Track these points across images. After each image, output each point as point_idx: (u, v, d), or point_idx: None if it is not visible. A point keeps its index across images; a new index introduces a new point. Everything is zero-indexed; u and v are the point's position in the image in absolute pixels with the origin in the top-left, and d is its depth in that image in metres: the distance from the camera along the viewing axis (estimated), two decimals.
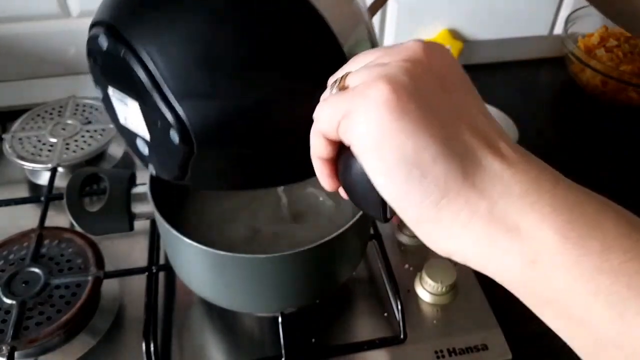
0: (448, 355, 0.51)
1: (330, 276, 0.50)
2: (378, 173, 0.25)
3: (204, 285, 0.49)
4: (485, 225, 0.24)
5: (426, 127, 0.24)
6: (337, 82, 0.28)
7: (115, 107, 0.36)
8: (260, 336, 0.54)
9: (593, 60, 0.81)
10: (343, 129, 0.26)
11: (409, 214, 0.25)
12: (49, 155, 0.68)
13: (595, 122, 0.84)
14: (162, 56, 0.30)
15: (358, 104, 0.25)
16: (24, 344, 0.48)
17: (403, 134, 0.24)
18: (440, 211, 0.24)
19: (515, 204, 0.23)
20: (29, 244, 0.56)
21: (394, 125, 0.24)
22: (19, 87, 0.81)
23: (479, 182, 0.24)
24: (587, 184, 0.24)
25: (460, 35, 0.92)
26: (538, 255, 0.23)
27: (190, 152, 0.32)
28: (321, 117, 0.27)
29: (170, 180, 0.36)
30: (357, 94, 0.25)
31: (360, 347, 0.52)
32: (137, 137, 0.36)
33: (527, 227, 0.23)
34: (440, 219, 0.24)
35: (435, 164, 0.24)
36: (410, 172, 0.24)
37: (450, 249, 0.25)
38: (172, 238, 0.45)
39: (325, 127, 0.27)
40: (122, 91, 0.34)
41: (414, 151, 0.24)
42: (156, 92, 0.31)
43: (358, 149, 0.25)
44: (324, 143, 0.28)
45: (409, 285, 0.57)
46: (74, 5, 0.77)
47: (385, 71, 0.25)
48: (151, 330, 0.50)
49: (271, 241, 0.53)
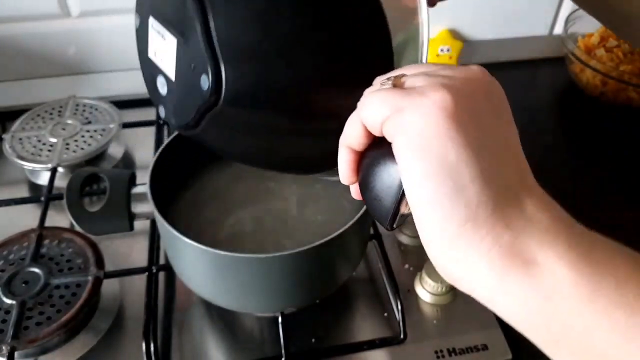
0: (448, 355, 0.51)
1: (330, 276, 0.50)
2: (414, 174, 0.24)
3: (204, 285, 0.49)
4: (503, 257, 0.23)
5: (474, 145, 0.24)
6: (390, 78, 0.27)
7: (149, 38, 0.35)
8: (260, 336, 0.54)
9: (593, 60, 0.81)
10: (391, 123, 0.25)
11: (428, 227, 0.25)
12: (49, 155, 0.68)
13: (595, 122, 0.84)
14: (221, 2, 0.29)
15: (416, 102, 0.25)
16: (24, 344, 0.48)
17: (452, 143, 0.24)
18: (462, 234, 0.24)
19: (533, 241, 0.23)
20: (29, 244, 0.56)
21: (447, 132, 0.24)
22: (19, 87, 0.81)
23: (507, 216, 0.24)
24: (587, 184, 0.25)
25: (460, 35, 0.92)
26: (554, 290, 0.23)
27: (214, 103, 0.31)
28: (368, 106, 0.27)
29: (177, 127, 0.35)
30: (416, 93, 0.25)
31: (360, 347, 0.52)
32: (160, 75, 0.35)
33: (544, 262, 0.23)
34: (458, 242, 0.24)
35: (473, 185, 0.24)
36: (446, 183, 0.24)
37: (459, 275, 0.25)
38: (172, 238, 0.45)
39: (371, 117, 0.26)
40: (165, 24, 0.33)
41: (457, 164, 0.24)
42: (205, 35, 0.30)
43: (402, 144, 0.25)
44: (362, 133, 0.27)
45: (409, 285, 0.57)
46: (74, 5, 0.77)
47: (448, 82, 0.25)
48: (151, 330, 0.50)
49: (272, 241, 0.53)
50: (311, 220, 0.55)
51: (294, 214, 0.56)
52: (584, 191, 0.70)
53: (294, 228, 0.54)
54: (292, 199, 0.57)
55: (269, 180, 0.58)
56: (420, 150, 0.24)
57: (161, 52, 0.34)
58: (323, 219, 0.55)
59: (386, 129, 0.26)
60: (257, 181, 0.58)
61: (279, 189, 0.58)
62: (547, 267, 0.23)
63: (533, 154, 0.26)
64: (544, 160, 0.75)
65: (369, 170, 0.28)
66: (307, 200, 0.57)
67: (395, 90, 0.26)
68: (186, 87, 0.33)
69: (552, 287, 0.23)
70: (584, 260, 0.23)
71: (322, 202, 0.57)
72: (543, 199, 0.25)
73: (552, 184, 0.28)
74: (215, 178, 0.59)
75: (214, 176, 0.59)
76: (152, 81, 0.37)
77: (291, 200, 0.57)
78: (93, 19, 0.78)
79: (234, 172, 0.59)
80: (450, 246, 0.24)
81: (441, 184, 0.24)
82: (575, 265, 0.23)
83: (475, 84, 0.26)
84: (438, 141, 0.24)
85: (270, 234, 0.54)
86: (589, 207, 0.71)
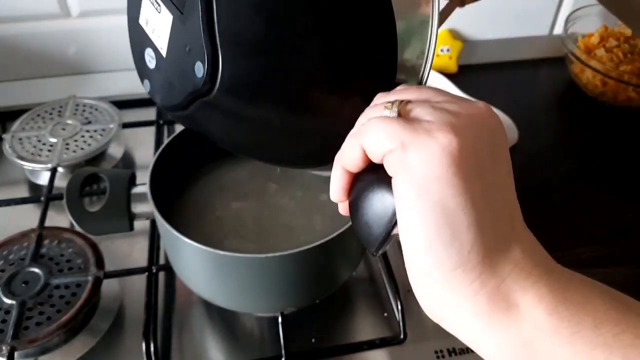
0: (448, 355, 0.51)
1: (330, 276, 0.50)
2: (412, 214, 0.24)
3: (204, 285, 0.49)
4: (488, 301, 0.24)
5: (474, 193, 0.24)
6: (395, 103, 0.27)
7: (142, 5, 0.33)
8: (260, 336, 0.54)
9: (593, 60, 0.81)
10: (395, 158, 0.25)
11: (417, 268, 0.25)
12: (49, 155, 0.68)
13: (595, 122, 0.84)
14: None
15: (422, 141, 0.24)
16: (24, 344, 0.48)
17: (454, 190, 0.24)
18: (451, 279, 0.24)
19: (518, 284, 0.24)
20: (29, 244, 0.56)
21: (450, 178, 0.24)
22: (19, 87, 0.81)
23: (495, 262, 0.24)
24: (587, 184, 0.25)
25: (460, 35, 0.92)
26: (533, 335, 0.23)
27: (207, 92, 0.30)
28: (371, 134, 0.26)
29: (163, 107, 0.34)
30: (422, 132, 0.24)
31: (360, 347, 0.52)
32: (149, 47, 0.33)
33: (525, 306, 0.24)
34: (446, 286, 0.24)
35: (468, 232, 0.24)
36: (443, 229, 0.24)
37: (443, 315, 0.26)
38: (172, 238, 0.45)
39: (373, 146, 0.26)
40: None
41: (455, 211, 0.24)
42: (207, 18, 0.28)
43: (403, 183, 0.25)
44: (360, 157, 0.27)
45: (409, 285, 0.56)
46: (74, 5, 0.77)
47: (454, 122, 0.25)
48: (151, 330, 0.50)
49: (272, 241, 0.53)
50: (312, 220, 0.55)
51: (294, 214, 0.56)
52: (583, 191, 0.70)
53: (295, 228, 0.54)
54: (293, 199, 0.57)
55: (269, 180, 0.58)
56: (421, 193, 0.24)
57: (154, 23, 0.32)
58: (324, 219, 0.55)
59: (388, 163, 0.25)
60: (257, 181, 0.58)
61: (279, 189, 0.58)
62: (528, 311, 0.24)
63: (533, 154, 0.26)
64: (544, 160, 0.75)
65: (362, 194, 0.28)
66: (308, 200, 0.57)
67: (401, 122, 0.25)
68: (178, 68, 0.31)
69: (531, 332, 0.23)
70: (564, 304, 0.23)
71: (322, 202, 0.57)
72: (530, 244, 0.26)
73: (552, 184, 0.28)
74: (215, 178, 0.59)
75: (214, 176, 0.59)
76: (140, 52, 0.34)
77: (292, 201, 0.57)
78: (93, 19, 0.78)
79: (234, 171, 0.59)
80: (438, 288, 0.25)
81: (438, 229, 0.24)
82: (555, 309, 0.23)
83: (480, 124, 0.26)
84: (440, 186, 0.24)
85: (271, 234, 0.54)
86: (588, 207, 0.71)
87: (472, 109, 0.26)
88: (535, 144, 0.76)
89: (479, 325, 0.24)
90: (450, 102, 0.27)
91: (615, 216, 0.66)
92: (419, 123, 0.25)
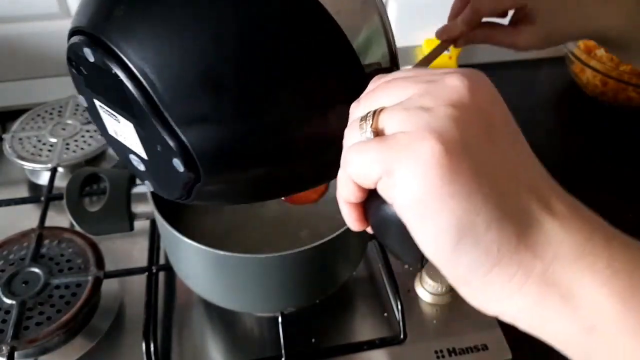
0: (448, 355, 0.51)
1: (330, 276, 0.50)
2: (424, 239, 0.23)
3: (204, 285, 0.49)
4: (538, 289, 0.22)
5: (479, 189, 0.22)
6: (367, 119, 0.24)
7: (103, 120, 0.32)
8: (260, 336, 0.54)
9: (593, 60, 0.81)
10: (385, 186, 0.23)
11: (454, 278, 0.24)
12: (49, 155, 0.68)
13: (595, 122, 0.84)
14: (161, 75, 0.26)
15: (403, 162, 0.22)
16: (24, 344, 0.48)
17: (454, 200, 0.21)
18: (490, 281, 0.22)
19: (569, 268, 0.22)
20: (29, 244, 0.56)
21: (445, 190, 0.21)
22: (19, 87, 0.81)
23: (533, 243, 0.22)
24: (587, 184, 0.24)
25: None
26: (596, 323, 0.22)
27: (196, 179, 0.30)
28: (354, 165, 0.24)
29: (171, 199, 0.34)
30: (401, 149, 0.22)
31: (360, 347, 0.52)
32: (130, 153, 0.33)
33: (583, 293, 0.22)
34: (491, 284, 0.23)
35: (489, 231, 0.22)
36: (461, 240, 0.22)
37: (499, 310, 0.23)
38: (172, 238, 0.45)
39: (360, 178, 0.24)
40: (112, 108, 0.30)
41: (466, 217, 0.22)
42: (155, 116, 0.27)
43: (403, 210, 0.23)
44: (355, 189, 0.25)
45: (409, 285, 0.57)
46: (74, 5, 0.77)
47: (431, 121, 0.22)
48: (151, 330, 0.50)
49: (272, 241, 0.53)
50: (312, 220, 0.55)
51: (295, 214, 0.56)
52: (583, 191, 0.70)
53: (295, 228, 0.54)
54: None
55: None
56: (424, 215, 0.22)
57: (122, 133, 0.31)
58: (324, 218, 0.55)
59: (381, 192, 0.24)
60: None
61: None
62: (587, 299, 0.21)
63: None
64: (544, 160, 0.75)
65: (378, 221, 0.26)
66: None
67: (378, 146, 0.23)
68: (162, 167, 0.30)
69: (594, 319, 0.21)
70: (629, 289, 0.21)
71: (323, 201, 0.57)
72: (569, 211, 0.23)
73: None
74: None
75: None
76: (126, 159, 0.34)
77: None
78: None
79: None
80: (484, 290, 0.23)
81: (457, 242, 0.22)
82: (620, 295, 0.21)
83: (462, 110, 0.23)
84: (440, 203, 0.22)
85: (271, 234, 0.54)
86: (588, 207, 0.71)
87: (446, 93, 0.23)
88: (535, 144, 0.76)
89: (534, 314, 0.22)
90: (424, 94, 0.24)
91: (615, 216, 0.66)
92: (395, 140, 0.23)
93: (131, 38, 0.27)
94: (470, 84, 0.24)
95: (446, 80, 0.24)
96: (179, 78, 0.27)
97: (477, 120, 0.23)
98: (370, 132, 0.24)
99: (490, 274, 0.22)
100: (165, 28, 0.27)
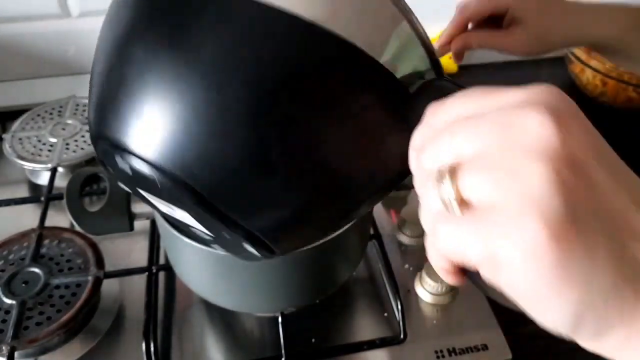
0: (448, 355, 0.51)
1: (330, 276, 0.50)
2: (539, 319, 0.21)
3: (204, 285, 0.49)
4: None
5: (593, 263, 0.19)
6: (444, 179, 0.21)
7: (151, 201, 0.31)
8: (260, 336, 0.54)
9: (593, 60, 0.81)
10: (486, 271, 0.21)
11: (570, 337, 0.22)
12: (49, 155, 0.68)
13: (595, 122, 0.83)
14: (210, 176, 0.25)
15: (507, 248, 0.20)
16: (24, 344, 0.48)
17: (568, 288, 0.19)
18: (609, 338, 0.21)
19: None
20: (29, 244, 0.56)
21: (558, 282, 0.19)
22: (19, 87, 0.81)
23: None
24: None
25: None
26: None
27: (271, 254, 0.29)
28: (447, 244, 0.22)
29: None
30: (501, 233, 0.20)
31: (360, 347, 0.52)
32: (194, 228, 0.32)
33: None
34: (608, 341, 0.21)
35: (608, 303, 0.20)
36: (580, 322, 0.20)
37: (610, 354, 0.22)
38: (172, 238, 0.45)
39: (455, 257, 0.22)
40: (161, 201, 0.29)
41: (583, 300, 0.20)
42: (213, 214, 0.26)
43: (511, 294, 0.21)
44: (449, 265, 0.24)
45: (409, 285, 0.57)
46: (74, 5, 0.77)
47: (526, 191, 0.19)
48: (151, 330, 0.50)
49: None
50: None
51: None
52: None
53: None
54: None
55: None
56: (538, 301, 0.21)
57: (178, 215, 0.30)
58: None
59: (485, 276, 0.22)
60: None
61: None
62: None
63: None
64: None
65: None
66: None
67: (472, 226, 0.21)
68: (231, 242, 0.29)
69: None
70: None
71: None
72: None
73: None
74: None
75: None
76: (186, 228, 0.33)
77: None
78: (93, 19, 0.78)
79: None
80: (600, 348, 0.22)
81: (576, 324, 0.21)
82: None
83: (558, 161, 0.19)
84: (553, 294, 0.20)
85: None
86: None
87: (535, 141, 0.20)
88: None
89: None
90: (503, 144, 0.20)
91: None
92: (492, 220, 0.20)
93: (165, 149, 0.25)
94: (556, 121, 0.20)
95: (526, 119, 0.20)
96: (224, 173, 0.25)
97: (575, 173, 0.20)
98: (455, 203, 0.21)
99: (610, 335, 0.21)
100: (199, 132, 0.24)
